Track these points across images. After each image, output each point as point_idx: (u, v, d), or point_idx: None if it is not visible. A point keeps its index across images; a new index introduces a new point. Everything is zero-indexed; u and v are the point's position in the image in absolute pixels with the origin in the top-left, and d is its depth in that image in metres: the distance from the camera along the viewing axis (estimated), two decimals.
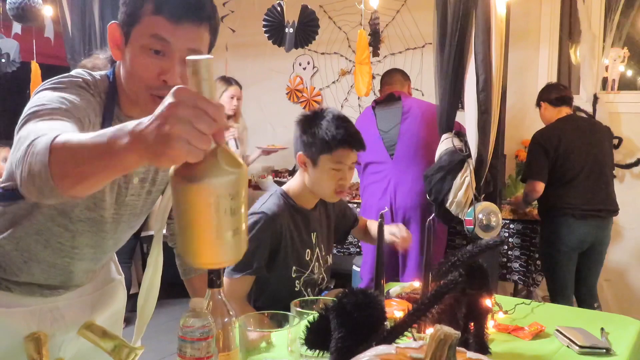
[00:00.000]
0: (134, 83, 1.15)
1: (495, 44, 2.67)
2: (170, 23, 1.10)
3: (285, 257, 1.86)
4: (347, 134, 1.83)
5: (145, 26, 1.11)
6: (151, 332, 1.59)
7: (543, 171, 3.30)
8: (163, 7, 1.09)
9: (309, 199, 1.94)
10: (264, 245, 1.81)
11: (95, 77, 1.19)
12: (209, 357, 1.07)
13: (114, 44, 1.16)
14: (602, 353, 1.46)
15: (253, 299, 1.93)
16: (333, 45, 4.91)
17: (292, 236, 1.87)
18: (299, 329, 1.21)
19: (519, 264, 3.62)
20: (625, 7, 3.98)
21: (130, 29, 1.13)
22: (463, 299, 1.33)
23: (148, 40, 1.11)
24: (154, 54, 1.11)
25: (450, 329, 0.88)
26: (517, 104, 4.06)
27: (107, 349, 1.27)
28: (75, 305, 1.35)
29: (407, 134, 3.29)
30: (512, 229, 3.65)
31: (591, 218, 3.30)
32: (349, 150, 1.85)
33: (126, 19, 1.13)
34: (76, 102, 1.08)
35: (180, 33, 1.11)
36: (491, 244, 1.39)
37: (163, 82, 1.12)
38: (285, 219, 1.86)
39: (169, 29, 1.10)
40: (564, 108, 3.43)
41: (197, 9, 1.11)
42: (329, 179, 1.85)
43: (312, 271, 1.94)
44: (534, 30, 4.23)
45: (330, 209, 2.09)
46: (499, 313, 1.70)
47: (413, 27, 4.55)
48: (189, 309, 1.08)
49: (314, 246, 1.95)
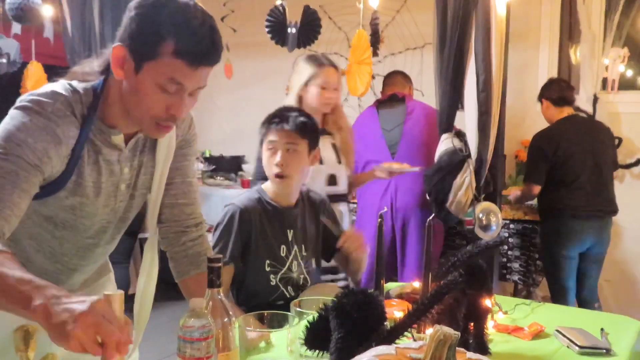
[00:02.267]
0: (141, 111, 1.17)
1: (495, 44, 2.67)
2: (189, 68, 1.12)
3: (256, 249, 1.89)
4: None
5: (164, 66, 1.11)
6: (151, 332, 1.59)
7: (540, 174, 3.31)
8: (184, 51, 1.10)
9: (285, 196, 1.96)
10: (235, 235, 1.86)
11: (79, 92, 1.19)
12: (209, 357, 1.07)
13: (119, 66, 1.15)
14: (602, 353, 1.46)
15: (235, 295, 1.95)
16: (333, 45, 4.91)
17: (263, 229, 1.90)
18: (298, 329, 1.21)
19: (519, 264, 3.62)
20: (625, 7, 3.98)
21: (144, 62, 1.12)
22: (463, 299, 1.33)
23: (164, 81, 1.12)
24: (166, 91, 1.13)
25: (449, 329, 0.88)
26: (517, 104, 4.06)
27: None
28: None
29: (410, 134, 3.30)
30: (512, 229, 3.65)
31: (593, 219, 3.31)
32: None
33: (140, 49, 1.12)
34: (35, 146, 1.11)
35: (196, 76, 1.14)
36: (491, 244, 1.39)
37: (171, 114, 1.15)
38: (256, 212, 1.90)
39: (187, 73, 1.12)
40: (565, 108, 3.43)
41: (214, 53, 1.14)
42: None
43: (290, 269, 1.95)
44: (534, 30, 4.23)
45: (319, 215, 2.05)
46: (498, 313, 1.69)
47: (413, 27, 4.55)
48: (189, 309, 1.08)
49: (290, 243, 1.95)
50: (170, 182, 1.41)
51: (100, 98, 1.20)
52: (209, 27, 1.13)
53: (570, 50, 4.26)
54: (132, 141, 1.29)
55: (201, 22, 1.12)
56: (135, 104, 1.17)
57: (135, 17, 1.12)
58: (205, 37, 1.12)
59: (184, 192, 1.44)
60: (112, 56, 1.15)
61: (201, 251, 1.48)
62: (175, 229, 1.46)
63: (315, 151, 1.96)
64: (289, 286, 1.95)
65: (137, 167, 1.33)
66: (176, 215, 1.45)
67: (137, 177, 1.34)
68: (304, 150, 1.91)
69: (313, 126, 1.94)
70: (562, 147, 3.29)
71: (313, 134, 1.94)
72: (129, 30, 1.13)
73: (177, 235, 1.46)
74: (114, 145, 1.25)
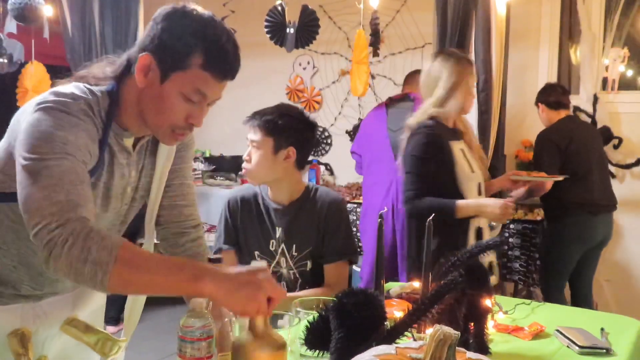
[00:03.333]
0: (160, 119, 1.21)
1: (495, 44, 2.68)
2: (215, 81, 1.18)
3: (245, 238, 2.02)
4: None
5: (191, 78, 1.16)
6: (151, 332, 1.60)
7: (554, 167, 3.27)
8: (213, 65, 1.16)
9: (277, 193, 2.00)
10: (225, 221, 2.04)
11: (97, 94, 1.20)
12: (209, 357, 1.07)
13: (144, 74, 1.18)
14: (602, 353, 1.46)
15: None
16: (333, 45, 4.91)
17: (251, 220, 2.02)
18: (299, 329, 1.21)
19: (519, 264, 3.62)
20: (625, 7, 3.98)
21: (172, 73, 1.16)
22: (463, 299, 1.33)
23: (190, 92, 1.17)
24: (189, 101, 1.18)
25: (449, 329, 0.88)
26: (517, 104, 4.06)
27: (91, 343, 1.28)
28: (57, 302, 1.35)
29: None
30: (512, 229, 3.65)
31: (604, 213, 3.33)
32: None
33: (169, 60, 1.16)
34: (78, 142, 1.10)
35: (219, 88, 1.21)
36: (491, 244, 1.39)
37: (189, 123, 1.20)
38: (247, 202, 2.03)
39: (212, 85, 1.18)
40: (562, 111, 3.44)
41: (237, 68, 1.21)
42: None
43: (279, 264, 1.99)
44: (534, 30, 4.23)
45: (322, 222, 1.98)
46: (499, 313, 1.69)
47: (413, 27, 4.55)
48: (188, 309, 1.08)
49: (278, 240, 1.98)
50: (169, 184, 1.43)
51: (116, 102, 1.22)
52: (233, 43, 1.19)
53: (570, 50, 4.26)
54: (140, 144, 1.31)
55: (227, 37, 1.18)
56: (155, 111, 1.20)
57: (165, 29, 1.16)
58: (231, 53, 1.18)
59: (183, 193, 1.46)
60: (138, 64, 1.17)
61: (200, 252, 1.49)
62: (175, 230, 1.48)
63: (286, 151, 1.92)
64: (282, 282, 1.97)
65: (140, 170, 1.34)
66: (175, 217, 1.47)
67: (139, 180, 1.35)
68: (267, 148, 1.92)
69: (283, 125, 1.91)
70: (574, 141, 3.28)
71: (282, 133, 1.91)
72: (157, 41, 1.16)
73: (176, 236, 1.48)
74: (125, 148, 1.26)
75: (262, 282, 1.01)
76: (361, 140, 3.54)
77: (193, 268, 1.02)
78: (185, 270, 1.00)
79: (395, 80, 4.71)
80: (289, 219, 1.98)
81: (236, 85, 1.32)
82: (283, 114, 1.93)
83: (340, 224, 1.99)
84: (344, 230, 1.99)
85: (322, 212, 1.98)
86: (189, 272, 1.00)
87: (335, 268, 1.97)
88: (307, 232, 1.98)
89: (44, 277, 1.29)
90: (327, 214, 1.97)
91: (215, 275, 1.00)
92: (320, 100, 5.08)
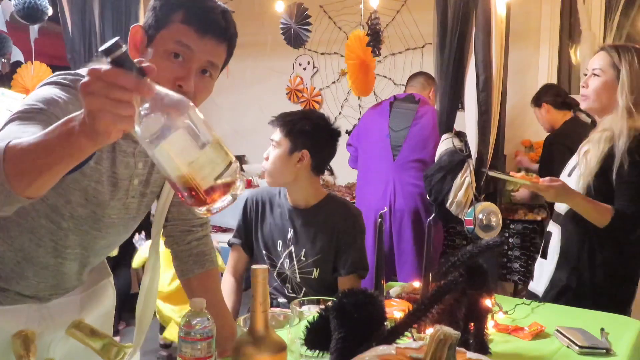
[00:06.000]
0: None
1: (495, 44, 2.67)
2: (196, 34, 1.16)
3: (257, 236, 2.05)
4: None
5: (172, 32, 1.16)
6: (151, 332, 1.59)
7: None
8: (192, 18, 1.16)
9: (294, 196, 2.01)
10: (243, 217, 2.09)
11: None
12: (209, 357, 1.07)
13: (133, 45, 1.19)
14: (602, 353, 1.46)
15: (246, 283, 1.96)
16: (333, 45, 4.91)
17: (264, 218, 2.05)
18: (299, 329, 1.21)
19: (519, 264, 3.62)
20: (625, 7, 3.98)
21: (156, 33, 1.17)
22: (463, 299, 1.33)
23: (172, 45, 1.16)
24: (174, 58, 1.16)
25: (450, 329, 0.88)
26: (517, 104, 4.06)
27: (96, 348, 1.27)
28: (64, 305, 1.35)
29: (415, 139, 3.27)
30: (512, 229, 3.65)
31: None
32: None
33: (154, 23, 1.18)
34: (67, 100, 1.10)
35: (203, 45, 1.17)
36: (491, 244, 1.39)
37: (179, 86, 1.16)
38: (265, 201, 2.07)
39: (194, 38, 1.16)
40: (566, 112, 3.45)
41: (221, 27, 1.19)
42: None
43: (283, 266, 1.99)
44: (534, 30, 4.23)
45: (337, 234, 1.98)
46: (499, 313, 1.69)
47: (413, 27, 4.55)
48: (189, 309, 1.08)
49: (287, 241, 1.99)
50: None
51: None
52: (220, 6, 1.20)
53: (570, 50, 4.26)
54: None
55: (214, 3, 1.20)
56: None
57: (156, 3, 1.19)
58: (215, 10, 1.19)
59: None
60: (129, 37, 1.19)
61: (205, 250, 1.50)
62: (182, 228, 1.49)
63: (300, 153, 1.93)
64: (287, 284, 1.99)
65: (151, 164, 1.32)
66: (183, 214, 1.48)
67: (150, 174, 1.34)
68: (283, 148, 1.93)
69: (300, 128, 1.93)
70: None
71: (298, 135, 1.92)
72: (148, 14, 1.19)
73: (183, 234, 1.49)
74: (130, 135, 1.24)
75: (84, 84, 0.80)
76: (360, 134, 3.52)
77: (63, 122, 0.86)
78: (57, 126, 0.86)
79: (395, 80, 4.71)
80: (302, 222, 1.99)
81: (236, 85, 1.33)
82: (303, 118, 1.97)
83: (357, 238, 2.00)
84: (359, 244, 2.00)
85: (339, 224, 1.98)
86: (61, 124, 0.85)
87: (349, 281, 1.97)
88: (318, 240, 1.98)
89: (49, 271, 1.28)
90: (344, 228, 1.98)
91: (77, 115, 0.84)
92: (320, 101, 5.08)
